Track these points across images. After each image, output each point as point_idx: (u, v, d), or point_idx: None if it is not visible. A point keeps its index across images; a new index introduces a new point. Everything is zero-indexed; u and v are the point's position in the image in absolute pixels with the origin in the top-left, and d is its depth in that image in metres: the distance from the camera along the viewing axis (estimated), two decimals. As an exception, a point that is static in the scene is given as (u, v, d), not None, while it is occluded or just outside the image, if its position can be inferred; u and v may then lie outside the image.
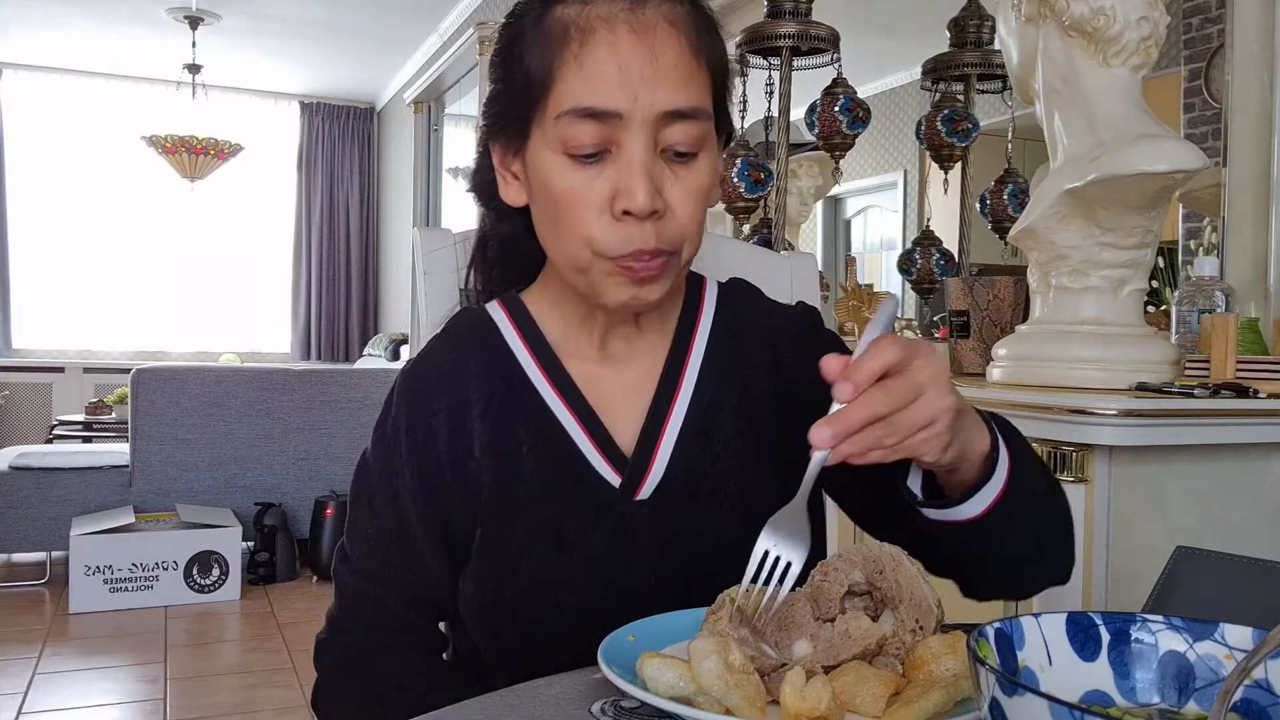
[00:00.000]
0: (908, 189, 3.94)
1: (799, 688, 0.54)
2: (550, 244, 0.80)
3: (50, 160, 7.06)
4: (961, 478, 0.70)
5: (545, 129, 0.75)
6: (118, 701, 2.80)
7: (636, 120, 0.73)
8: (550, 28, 0.75)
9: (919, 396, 0.63)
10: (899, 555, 0.65)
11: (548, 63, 0.74)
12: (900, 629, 0.63)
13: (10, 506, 3.80)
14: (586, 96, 0.73)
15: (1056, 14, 1.53)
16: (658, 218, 0.74)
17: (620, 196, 0.73)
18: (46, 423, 6.34)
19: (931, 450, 0.64)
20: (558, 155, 0.75)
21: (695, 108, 0.75)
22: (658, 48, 0.73)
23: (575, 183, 0.75)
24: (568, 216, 0.76)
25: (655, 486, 0.81)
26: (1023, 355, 1.63)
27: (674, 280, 0.79)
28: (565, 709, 0.61)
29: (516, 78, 0.77)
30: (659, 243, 0.74)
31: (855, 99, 2.61)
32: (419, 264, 1.05)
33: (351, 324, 7.91)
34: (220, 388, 4.04)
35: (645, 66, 0.72)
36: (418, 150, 4.53)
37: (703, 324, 0.88)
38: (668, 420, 0.83)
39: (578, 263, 0.77)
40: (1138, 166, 1.42)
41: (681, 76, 0.74)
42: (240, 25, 5.93)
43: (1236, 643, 0.50)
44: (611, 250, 0.74)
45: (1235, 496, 1.49)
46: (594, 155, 0.74)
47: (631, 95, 0.72)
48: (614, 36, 0.73)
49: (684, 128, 0.74)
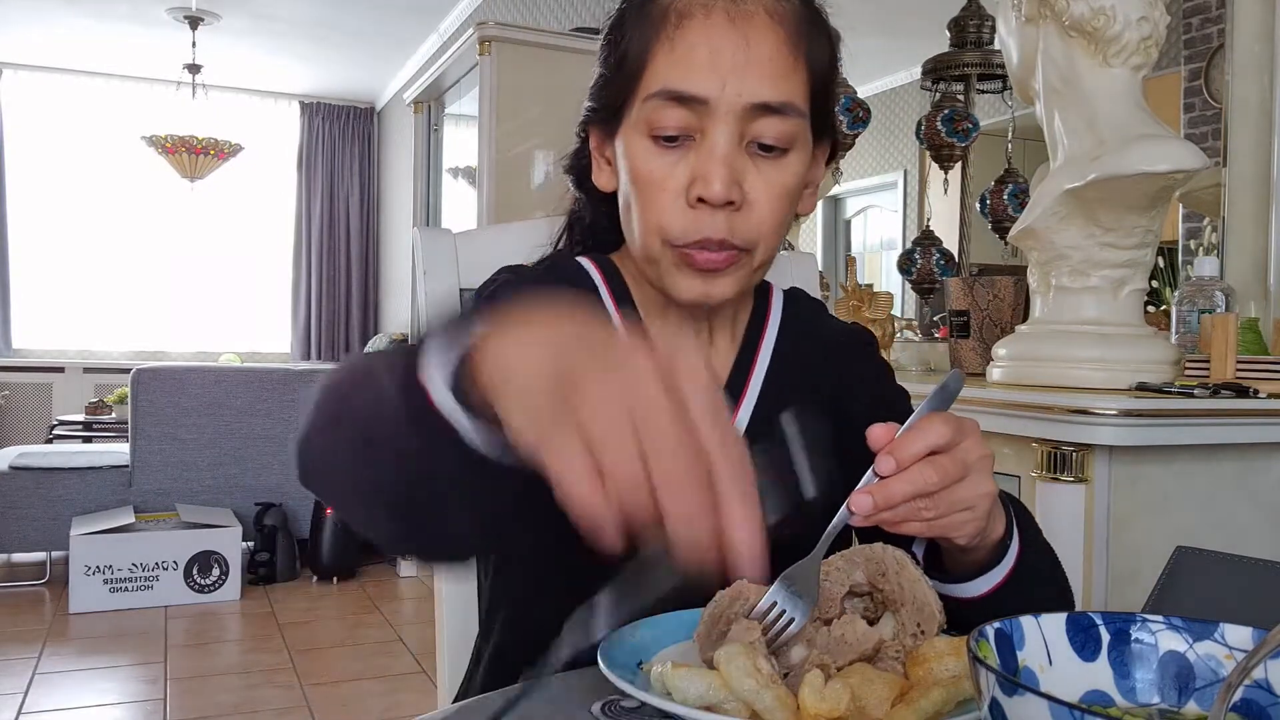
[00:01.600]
0: (908, 189, 3.94)
1: (818, 689, 0.53)
2: (629, 230, 0.80)
3: (50, 160, 7.06)
4: (972, 557, 0.69)
5: (636, 111, 0.75)
6: (118, 701, 2.80)
7: (723, 109, 0.72)
8: (650, 11, 0.75)
9: (964, 478, 0.62)
10: (903, 559, 0.65)
11: (644, 44, 0.74)
12: (901, 633, 0.62)
13: (10, 506, 3.80)
14: (675, 80, 0.72)
15: (1056, 14, 1.53)
16: (734, 209, 0.73)
17: (696, 183, 0.73)
18: (46, 423, 6.34)
19: (966, 534, 0.63)
20: (644, 138, 0.75)
21: (786, 102, 0.73)
22: (753, 37, 0.72)
23: (656, 166, 0.74)
24: (644, 199, 0.75)
25: None
26: (1023, 355, 1.63)
27: (746, 282, 0.78)
28: (565, 709, 0.61)
29: (614, 61, 0.77)
30: (729, 235, 0.73)
31: (855, 99, 2.61)
32: (419, 264, 1.05)
33: (351, 324, 7.92)
34: (220, 388, 4.05)
35: (737, 54, 0.71)
36: (418, 150, 4.53)
37: (769, 332, 0.88)
38: (736, 414, 0.83)
39: (650, 252, 0.77)
40: (1138, 166, 1.42)
41: (776, 70, 0.72)
42: (240, 25, 5.93)
43: (1236, 643, 0.50)
44: (678, 236, 0.74)
45: (1235, 496, 1.49)
46: (677, 139, 0.73)
47: (720, 82, 0.71)
48: (709, 21, 0.72)
49: (773, 122, 0.73)
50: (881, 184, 4.19)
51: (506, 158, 3.41)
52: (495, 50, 3.43)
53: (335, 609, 3.76)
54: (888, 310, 2.33)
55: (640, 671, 0.62)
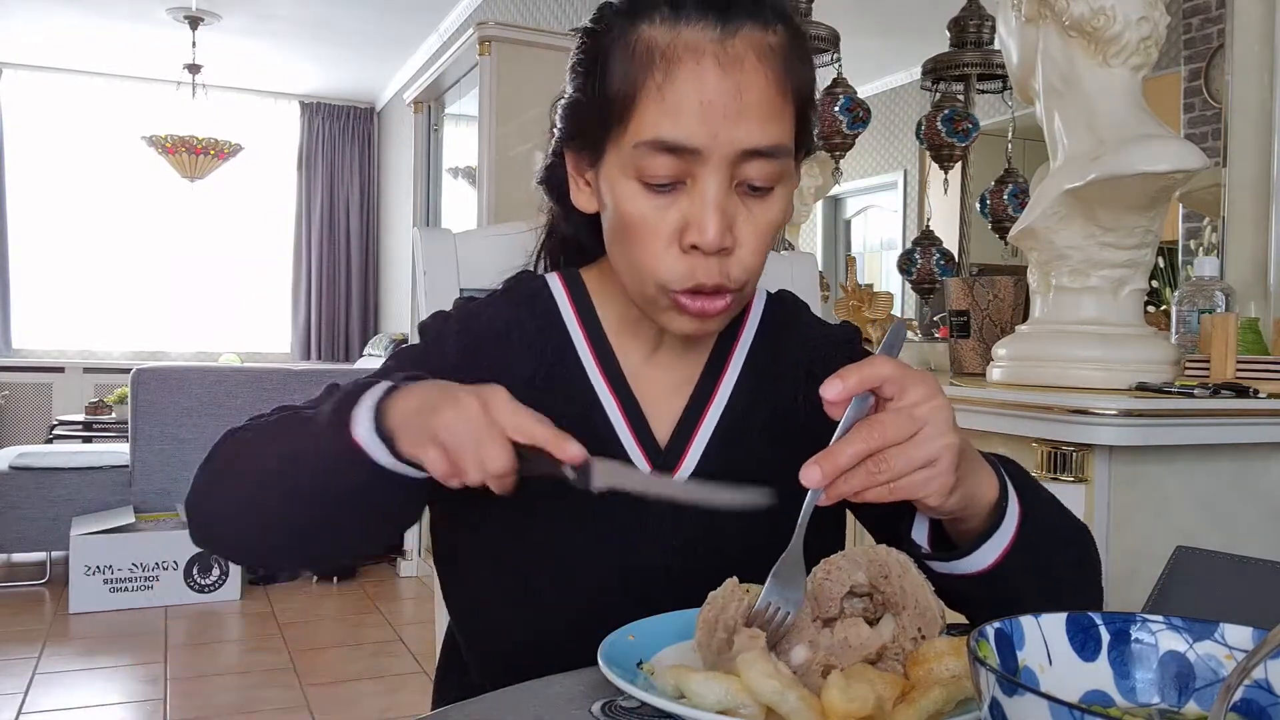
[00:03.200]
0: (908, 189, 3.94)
1: (844, 689, 0.54)
2: (618, 263, 0.80)
3: (50, 160, 7.06)
4: (969, 527, 0.68)
5: (622, 153, 0.74)
6: (118, 701, 2.80)
7: (715, 157, 0.71)
8: (635, 49, 0.73)
9: (916, 433, 0.61)
10: (906, 562, 0.64)
11: (630, 86, 0.73)
12: (902, 636, 0.62)
13: (10, 506, 3.80)
14: (667, 129, 0.71)
15: (1056, 14, 1.53)
16: (725, 254, 0.73)
17: (690, 230, 0.72)
18: (46, 423, 6.34)
19: (935, 492, 0.62)
20: (631, 181, 0.74)
21: (776, 145, 0.73)
22: (744, 83, 0.71)
23: (646, 210, 0.74)
24: (635, 243, 0.75)
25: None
26: (1023, 355, 1.63)
27: (735, 312, 0.79)
28: (565, 709, 0.61)
29: (596, 94, 0.76)
30: (722, 279, 0.74)
31: (855, 99, 2.61)
32: (419, 264, 1.05)
33: (351, 324, 7.91)
34: (220, 388, 4.04)
35: (730, 104, 0.70)
36: (418, 150, 4.53)
37: (745, 334, 0.89)
38: (701, 422, 0.84)
39: (644, 292, 0.77)
40: (1138, 166, 1.42)
41: (765, 114, 0.72)
42: (240, 25, 5.93)
43: (1236, 643, 0.50)
44: (674, 283, 0.74)
45: (1235, 496, 1.49)
46: (668, 185, 0.73)
47: (712, 133, 0.71)
48: (699, 69, 0.71)
49: (762, 165, 0.73)
50: (881, 184, 4.19)
51: (506, 158, 3.41)
52: (495, 50, 3.43)
53: (335, 609, 3.76)
54: (888, 310, 2.33)
55: (640, 671, 0.61)
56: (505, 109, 3.42)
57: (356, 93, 7.69)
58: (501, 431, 0.62)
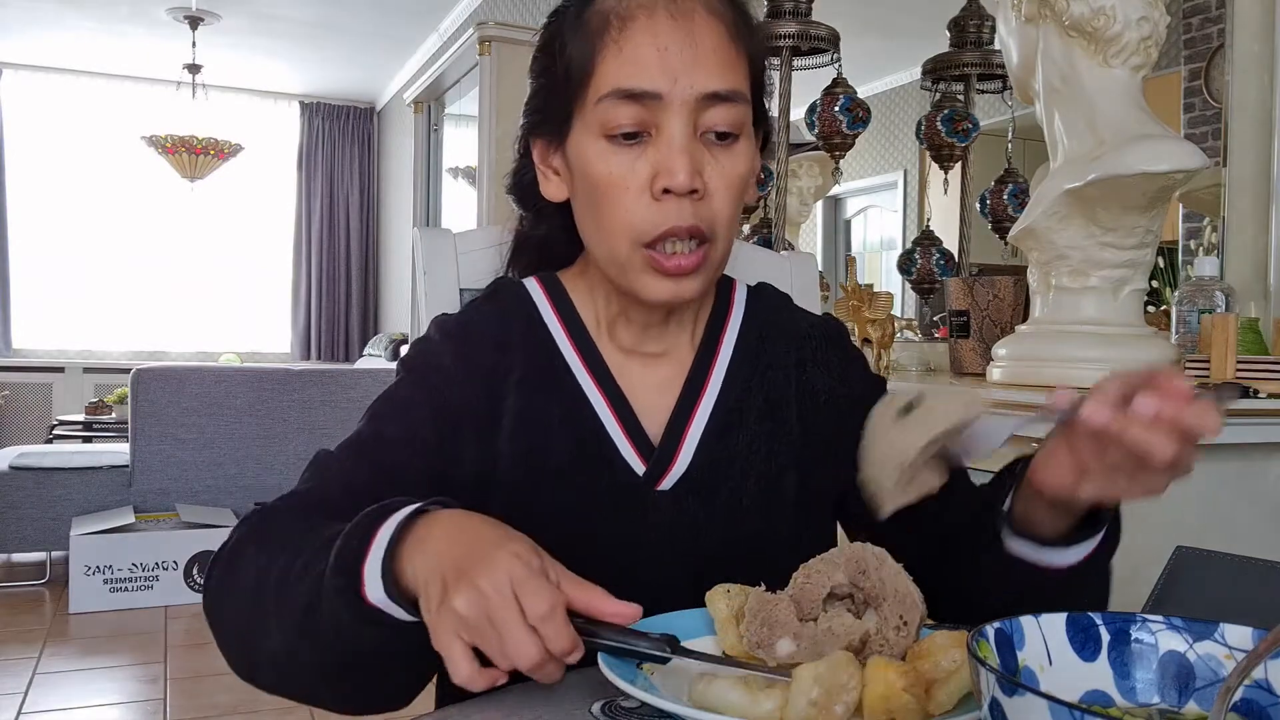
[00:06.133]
0: (908, 189, 3.94)
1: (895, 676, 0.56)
2: (591, 237, 0.81)
3: (50, 160, 7.06)
4: (1059, 525, 0.70)
5: (586, 115, 0.77)
6: (118, 701, 2.80)
7: (676, 102, 0.74)
8: (590, 19, 0.77)
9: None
10: (882, 554, 0.65)
11: (588, 51, 0.76)
12: (884, 626, 0.63)
13: (10, 506, 3.80)
14: (627, 78, 0.74)
15: (1056, 14, 1.53)
16: (696, 198, 0.75)
17: (661, 175, 0.74)
18: (46, 423, 6.33)
19: (1157, 488, 0.65)
20: (598, 140, 0.76)
21: (734, 90, 0.76)
22: (697, 32, 0.75)
23: (615, 166, 0.76)
24: (608, 200, 0.77)
25: (678, 479, 0.82)
26: (1023, 355, 1.63)
27: (710, 278, 0.80)
28: (565, 709, 0.61)
29: (557, 70, 0.79)
30: (696, 220, 0.75)
31: (855, 99, 2.61)
32: (419, 264, 1.05)
33: (351, 324, 7.91)
34: (220, 388, 4.04)
35: (685, 50, 0.74)
36: (418, 150, 4.53)
37: (731, 325, 0.89)
38: (693, 416, 0.84)
39: (616, 256, 0.78)
40: (1138, 166, 1.42)
41: (721, 60, 0.76)
42: (240, 25, 5.93)
43: (1236, 643, 0.50)
44: (649, 231, 0.75)
45: (1235, 496, 1.49)
46: (634, 136, 0.75)
47: (671, 77, 0.74)
48: (653, 21, 0.75)
49: (724, 110, 0.76)
50: (881, 184, 4.19)
51: (506, 158, 3.39)
52: (495, 50, 3.43)
53: (335, 609, 3.76)
54: (888, 310, 2.33)
55: (640, 671, 0.61)
56: (505, 109, 3.42)
57: (356, 93, 7.69)
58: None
